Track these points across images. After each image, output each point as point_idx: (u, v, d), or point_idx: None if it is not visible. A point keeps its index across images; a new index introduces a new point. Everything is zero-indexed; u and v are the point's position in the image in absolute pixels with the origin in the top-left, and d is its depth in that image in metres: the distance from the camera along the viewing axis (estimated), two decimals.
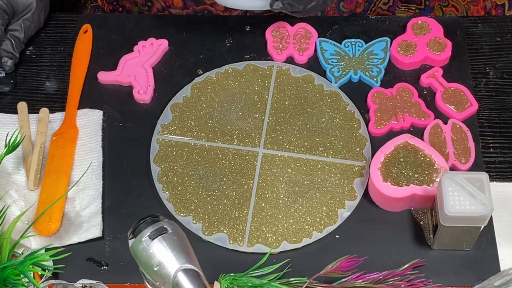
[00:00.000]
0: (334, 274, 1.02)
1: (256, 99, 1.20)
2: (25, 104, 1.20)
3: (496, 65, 1.24)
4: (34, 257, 0.95)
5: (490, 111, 1.19)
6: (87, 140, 1.18)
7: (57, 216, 1.09)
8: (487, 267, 1.05)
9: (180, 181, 1.13)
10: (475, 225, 1.01)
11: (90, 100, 1.21)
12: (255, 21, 1.29)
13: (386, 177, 1.07)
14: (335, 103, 1.20)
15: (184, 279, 0.83)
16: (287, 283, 1.03)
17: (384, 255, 1.07)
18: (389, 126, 1.17)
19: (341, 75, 1.22)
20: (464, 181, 0.99)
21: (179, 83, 1.23)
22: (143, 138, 1.18)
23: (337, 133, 1.17)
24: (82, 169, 1.14)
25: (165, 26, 1.29)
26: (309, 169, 1.13)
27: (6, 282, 0.96)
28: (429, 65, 1.23)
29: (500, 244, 1.07)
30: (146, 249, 0.84)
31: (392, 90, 1.20)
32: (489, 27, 1.28)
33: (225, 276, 1.03)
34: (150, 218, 0.86)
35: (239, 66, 1.24)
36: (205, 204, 1.11)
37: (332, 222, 1.09)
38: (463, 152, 1.13)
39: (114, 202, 1.12)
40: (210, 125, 1.18)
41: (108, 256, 1.07)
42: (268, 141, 1.16)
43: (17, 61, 1.22)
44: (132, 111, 1.20)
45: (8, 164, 1.14)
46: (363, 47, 1.24)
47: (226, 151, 1.15)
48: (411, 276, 1.03)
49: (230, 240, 1.08)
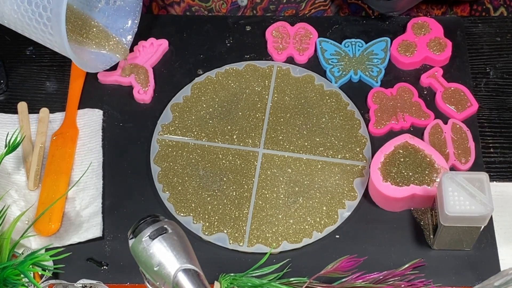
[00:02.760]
0: (334, 274, 1.02)
1: (256, 99, 1.20)
2: (25, 104, 1.20)
3: (496, 65, 1.24)
4: (34, 257, 0.95)
5: (490, 111, 1.19)
6: (87, 140, 1.18)
7: (57, 216, 1.09)
8: (487, 267, 1.05)
9: (180, 181, 1.13)
10: (475, 225, 1.01)
11: (90, 100, 1.21)
12: (255, 21, 1.29)
13: (386, 177, 1.07)
14: (335, 103, 1.20)
15: (184, 279, 0.83)
16: (287, 283, 1.03)
17: (384, 255, 1.07)
18: (389, 126, 1.17)
19: (341, 75, 1.22)
20: (464, 181, 0.99)
21: (179, 83, 1.23)
22: (143, 138, 1.18)
23: (337, 133, 1.17)
24: (82, 169, 1.14)
25: (165, 26, 1.29)
26: (309, 169, 1.13)
27: (6, 282, 0.96)
28: (429, 65, 1.23)
29: (500, 244, 1.07)
30: (146, 249, 0.84)
31: (392, 90, 1.20)
32: (489, 27, 1.28)
33: (225, 276, 1.03)
34: (150, 218, 0.86)
35: (239, 66, 1.24)
36: (205, 204, 1.11)
37: (332, 222, 1.09)
38: (463, 152, 1.13)
39: (114, 202, 1.12)
40: (210, 125, 1.18)
41: (108, 256, 1.07)
42: (268, 141, 1.16)
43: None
44: (132, 111, 1.20)
45: (8, 164, 1.15)
46: (363, 47, 1.24)
47: (226, 151, 1.15)
48: (411, 276, 1.03)
49: (230, 240, 1.08)
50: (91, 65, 1.18)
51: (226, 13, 1.32)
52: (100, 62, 1.19)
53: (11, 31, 1.18)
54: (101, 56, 1.20)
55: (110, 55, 1.20)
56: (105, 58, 1.20)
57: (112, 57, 1.20)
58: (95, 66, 1.19)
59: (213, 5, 1.32)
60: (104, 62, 1.20)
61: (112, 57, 1.20)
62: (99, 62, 1.19)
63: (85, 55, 1.18)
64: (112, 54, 1.19)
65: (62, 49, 1.10)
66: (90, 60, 1.19)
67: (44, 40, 1.12)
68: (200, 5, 1.32)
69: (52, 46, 1.13)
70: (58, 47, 1.11)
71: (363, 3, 1.35)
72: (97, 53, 1.19)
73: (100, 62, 1.19)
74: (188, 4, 1.32)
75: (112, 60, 1.20)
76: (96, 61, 1.19)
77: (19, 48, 1.27)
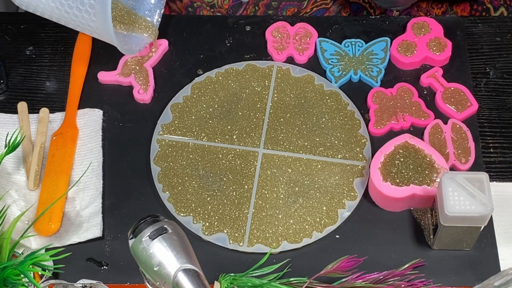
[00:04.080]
0: (334, 274, 1.02)
1: (256, 99, 1.20)
2: (25, 104, 1.20)
3: (496, 65, 1.24)
4: (34, 257, 0.95)
5: (490, 111, 1.19)
6: (87, 140, 1.18)
7: (57, 216, 1.09)
8: (487, 267, 1.05)
9: (180, 181, 1.13)
10: (475, 225, 1.01)
11: (90, 100, 1.21)
12: (255, 21, 1.29)
13: (386, 177, 1.07)
14: (335, 103, 1.20)
15: (184, 279, 0.83)
16: (287, 283, 1.03)
17: (384, 255, 1.07)
18: (389, 126, 1.17)
19: (341, 75, 1.22)
20: (464, 181, 0.99)
21: (179, 83, 1.23)
22: (143, 138, 1.18)
23: (337, 133, 1.17)
24: (82, 169, 1.14)
25: (165, 26, 1.28)
26: (309, 169, 1.13)
27: (6, 282, 0.96)
28: (429, 65, 1.23)
29: (500, 244, 1.07)
30: (146, 249, 0.84)
31: (392, 90, 1.20)
32: (489, 27, 1.28)
33: (225, 276, 1.03)
34: (150, 218, 0.86)
35: (239, 66, 1.24)
36: (205, 204, 1.11)
37: (332, 222, 1.09)
38: (463, 152, 1.13)
39: (114, 202, 1.12)
40: (210, 125, 1.18)
41: (108, 256, 1.07)
42: (268, 141, 1.16)
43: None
44: (132, 111, 1.20)
45: (8, 164, 1.14)
46: (363, 47, 1.24)
47: (226, 151, 1.15)
48: (411, 276, 1.03)
49: (230, 240, 1.08)
50: (128, 48, 1.19)
51: (228, 9, 1.32)
52: (135, 44, 1.21)
53: (11, 31, 1.18)
54: (133, 39, 1.21)
55: (141, 37, 1.21)
56: (137, 40, 1.21)
57: (143, 38, 1.22)
58: (131, 49, 1.20)
59: (215, 1, 1.32)
60: (138, 45, 1.21)
61: (144, 39, 1.22)
62: (134, 44, 1.21)
63: (118, 38, 1.19)
64: (142, 35, 1.21)
65: (105, 35, 1.11)
66: (125, 43, 1.20)
67: (83, 27, 1.13)
68: (202, 1, 1.32)
69: (91, 32, 1.14)
70: (99, 33, 1.12)
71: (364, 2, 1.35)
72: (128, 35, 1.21)
73: (134, 44, 1.21)
74: (190, 0, 1.32)
75: (144, 41, 1.22)
76: (131, 43, 1.21)
77: (19, 48, 1.27)
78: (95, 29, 1.11)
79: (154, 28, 1.22)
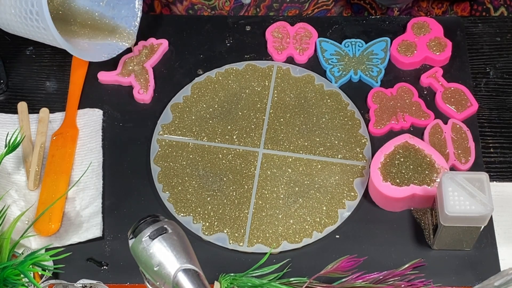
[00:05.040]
0: (334, 274, 1.02)
1: (256, 99, 1.20)
2: (25, 104, 1.20)
3: (496, 65, 1.24)
4: (34, 257, 0.95)
5: (490, 111, 1.19)
6: (87, 140, 1.18)
7: (57, 216, 1.09)
8: (487, 267, 1.05)
9: (180, 181, 1.13)
10: (475, 225, 1.01)
11: (90, 100, 1.21)
12: (255, 21, 1.29)
13: (386, 177, 1.07)
14: (335, 103, 1.20)
15: (184, 279, 0.83)
16: (287, 283, 1.03)
17: (384, 255, 1.07)
18: (389, 126, 1.17)
19: (341, 75, 1.22)
20: (464, 181, 0.99)
21: (179, 83, 1.23)
22: (143, 138, 1.18)
23: (337, 133, 1.17)
24: (82, 169, 1.14)
25: (165, 26, 1.29)
26: (309, 169, 1.13)
27: (6, 282, 0.96)
28: (429, 65, 1.23)
29: (500, 244, 1.07)
30: (146, 249, 0.84)
31: (392, 90, 1.20)
32: (489, 27, 1.28)
33: (225, 276, 1.03)
34: (150, 218, 0.86)
35: (239, 66, 1.24)
36: (205, 204, 1.11)
37: (332, 222, 1.09)
38: (463, 152, 1.13)
39: (114, 202, 1.12)
40: (210, 125, 1.18)
41: (108, 256, 1.07)
42: (268, 141, 1.16)
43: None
44: (132, 111, 1.20)
45: (8, 164, 1.14)
46: (363, 47, 1.24)
47: (226, 151, 1.15)
48: (411, 276, 1.03)
49: (230, 240, 1.08)
50: (94, 54, 1.19)
51: (229, 10, 1.32)
52: (106, 52, 1.21)
53: None
54: (106, 46, 1.21)
55: (116, 44, 1.21)
56: (111, 47, 1.21)
57: (118, 45, 1.21)
58: (99, 56, 1.20)
59: (216, 3, 1.32)
60: (109, 52, 1.21)
61: (118, 46, 1.21)
62: (105, 52, 1.20)
63: (91, 47, 1.19)
64: (119, 43, 1.21)
65: (54, 41, 1.11)
66: (95, 50, 1.20)
67: (43, 38, 1.13)
68: (203, 3, 1.32)
69: (51, 42, 1.13)
70: (51, 40, 1.12)
71: (365, 3, 1.35)
72: (103, 43, 1.21)
73: (105, 51, 1.21)
74: (191, 2, 1.32)
75: (118, 48, 1.22)
76: (102, 51, 1.20)
77: (19, 48, 1.27)
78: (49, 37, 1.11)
79: (132, 36, 1.21)
